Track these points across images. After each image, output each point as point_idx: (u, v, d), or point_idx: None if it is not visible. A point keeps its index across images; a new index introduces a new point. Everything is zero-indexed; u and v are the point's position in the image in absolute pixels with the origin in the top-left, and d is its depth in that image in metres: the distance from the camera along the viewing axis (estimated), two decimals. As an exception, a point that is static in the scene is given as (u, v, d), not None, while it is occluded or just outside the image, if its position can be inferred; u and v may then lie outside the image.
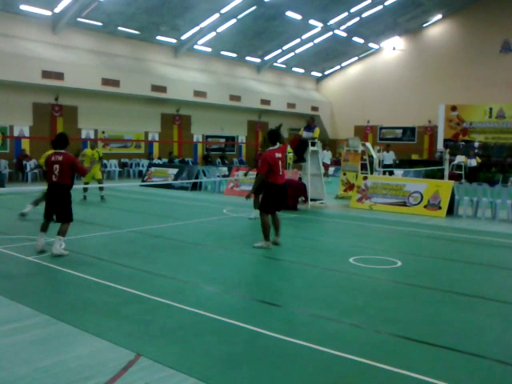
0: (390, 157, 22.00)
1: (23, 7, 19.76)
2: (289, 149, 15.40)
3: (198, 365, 3.92)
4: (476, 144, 27.97)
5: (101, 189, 14.21)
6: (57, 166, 7.43)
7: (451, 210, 12.64)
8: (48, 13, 20.62)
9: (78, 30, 22.39)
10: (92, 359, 3.98)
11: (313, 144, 13.46)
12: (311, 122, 13.76)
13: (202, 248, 8.37)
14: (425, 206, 12.80)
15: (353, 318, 5.06)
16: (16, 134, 20.88)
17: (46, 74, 20.11)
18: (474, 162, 22.34)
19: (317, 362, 4.02)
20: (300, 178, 14.33)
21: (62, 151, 7.58)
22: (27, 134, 21.22)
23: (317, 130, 13.53)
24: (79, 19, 21.55)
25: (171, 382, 3.67)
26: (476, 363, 4.10)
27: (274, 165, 8.28)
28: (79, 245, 8.21)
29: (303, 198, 13.68)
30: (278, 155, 8.41)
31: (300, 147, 13.44)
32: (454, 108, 30.48)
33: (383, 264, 7.37)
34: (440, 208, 12.56)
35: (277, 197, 8.43)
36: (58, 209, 7.54)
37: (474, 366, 4.07)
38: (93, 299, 5.50)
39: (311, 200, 13.59)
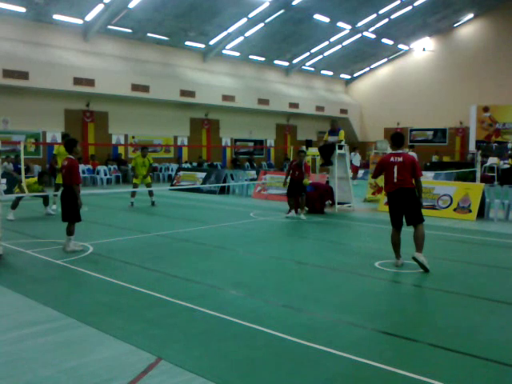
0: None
1: (56, 17, 20.28)
2: (316, 152, 15.38)
3: (218, 369, 3.93)
4: (509, 145, 27.28)
5: (150, 194, 14.36)
6: (64, 170, 8.12)
7: (482, 213, 12.37)
8: (79, 21, 21.11)
9: (109, 37, 22.83)
10: (113, 362, 4.04)
11: (340, 147, 13.36)
12: (335, 126, 13.56)
13: (228, 252, 8.40)
14: (454, 209, 12.56)
15: (376, 324, 5.00)
16: (48, 139, 21.38)
17: (78, 81, 20.55)
18: (507, 164, 21.84)
19: (338, 368, 3.98)
20: (327, 182, 14.26)
21: (70, 156, 8.21)
22: (59, 139, 21.66)
23: (341, 133, 13.36)
24: (109, 27, 21.98)
25: (190, 385, 3.70)
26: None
27: (387, 170, 7.31)
28: (107, 248, 8.35)
29: (330, 202, 13.61)
30: (395, 159, 7.27)
31: (327, 151, 13.36)
32: (486, 109, 29.85)
33: (410, 268, 7.26)
34: (470, 211, 12.31)
35: (392, 206, 7.44)
36: (63, 209, 8.14)
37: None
38: (118, 302, 5.58)
39: (339, 203, 13.49)
